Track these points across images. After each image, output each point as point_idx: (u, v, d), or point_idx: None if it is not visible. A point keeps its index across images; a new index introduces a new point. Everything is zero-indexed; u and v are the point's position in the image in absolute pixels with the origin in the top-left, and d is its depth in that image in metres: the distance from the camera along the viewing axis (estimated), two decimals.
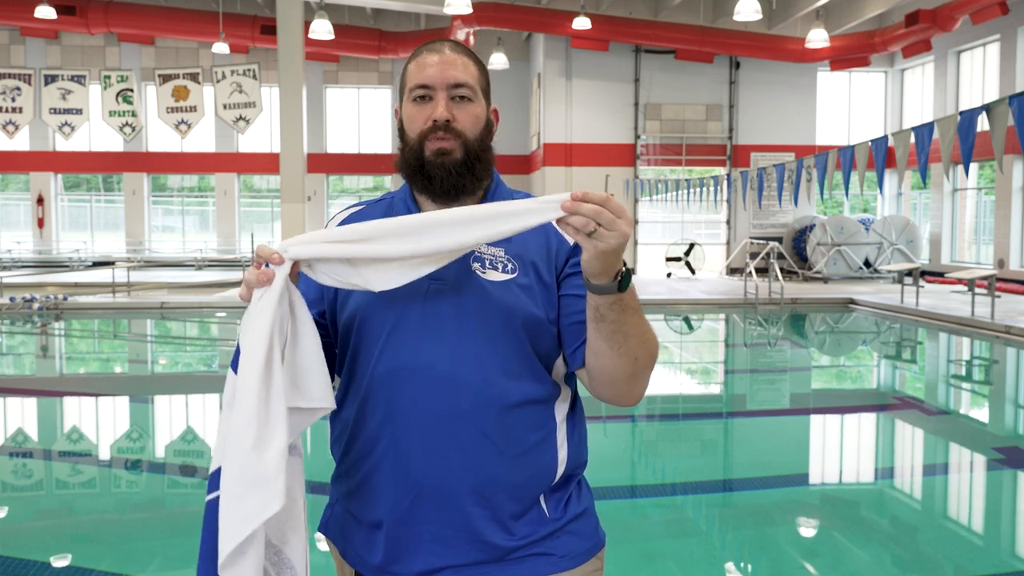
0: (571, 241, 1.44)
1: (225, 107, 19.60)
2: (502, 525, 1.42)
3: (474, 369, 1.38)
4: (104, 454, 5.80)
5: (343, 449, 1.49)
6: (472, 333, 1.39)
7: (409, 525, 1.41)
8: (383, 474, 1.41)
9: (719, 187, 18.01)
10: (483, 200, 1.49)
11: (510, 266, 1.42)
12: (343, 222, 1.54)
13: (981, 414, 7.58)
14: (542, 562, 1.44)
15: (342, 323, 1.46)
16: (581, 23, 18.21)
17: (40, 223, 24.51)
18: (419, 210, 1.48)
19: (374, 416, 1.42)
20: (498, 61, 21.88)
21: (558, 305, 1.45)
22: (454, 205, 1.45)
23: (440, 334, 1.39)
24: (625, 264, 1.31)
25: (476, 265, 1.41)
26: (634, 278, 1.62)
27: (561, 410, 1.49)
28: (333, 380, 1.52)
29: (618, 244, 1.22)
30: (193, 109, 19.88)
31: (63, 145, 23.53)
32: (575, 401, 1.54)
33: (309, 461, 5.64)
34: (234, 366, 1.29)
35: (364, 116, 25.33)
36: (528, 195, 1.50)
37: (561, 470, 1.47)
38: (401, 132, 1.51)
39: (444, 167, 1.43)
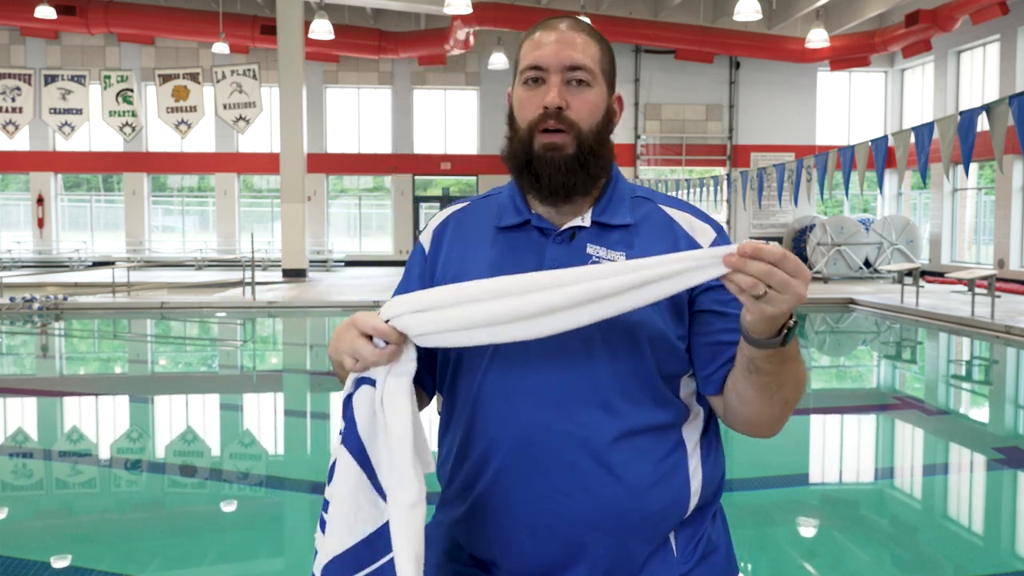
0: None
1: (225, 107, 19.61)
2: (625, 568, 1.26)
3: (591, 392, 1.23)
4: (104, 454, 5.80)
5: (448, 475, 1.36)
6: (589, 351, 1.24)
7: (521, 565, 1.26)
8: (491, 508, 1.27)
9: (719, 187, 18.02)
10: (599, 199, 1.34)
11: None
12: (445, 220, 1.42)
13: (981, 414, 7.58)
14: None
15: None
16: None
17: (40, 223, 24.51)
18: (528, 208, 1.34)
19: (479, 444, 1.28)
20: (498, 61, 21.88)
21: (690, 321, 1.29)
22: (564, 205, 1.31)
23: (552, 353, 1.23)
24: (792, 316, 1.14)
25: None
26: None
27: (692, 433, 1.32)
28: (432, 396, 1.42)
29: (790, 308, 1.08)
30: (193, 109, 19.89)
31: (63, 145, 23.53)
32: (709, 420, 1.36)
33: (311, 459, 5.60)
34: (348, 444, 1.19)
35: (364, 116, 25.33)
36: (668, 204, 1.36)
37: (694, 501, 1.30)
38: (511, 119, 1.35)
39: (554, 163, 1.27)
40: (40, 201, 24.48)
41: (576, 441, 1.23)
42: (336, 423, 7.28)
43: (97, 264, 22.76)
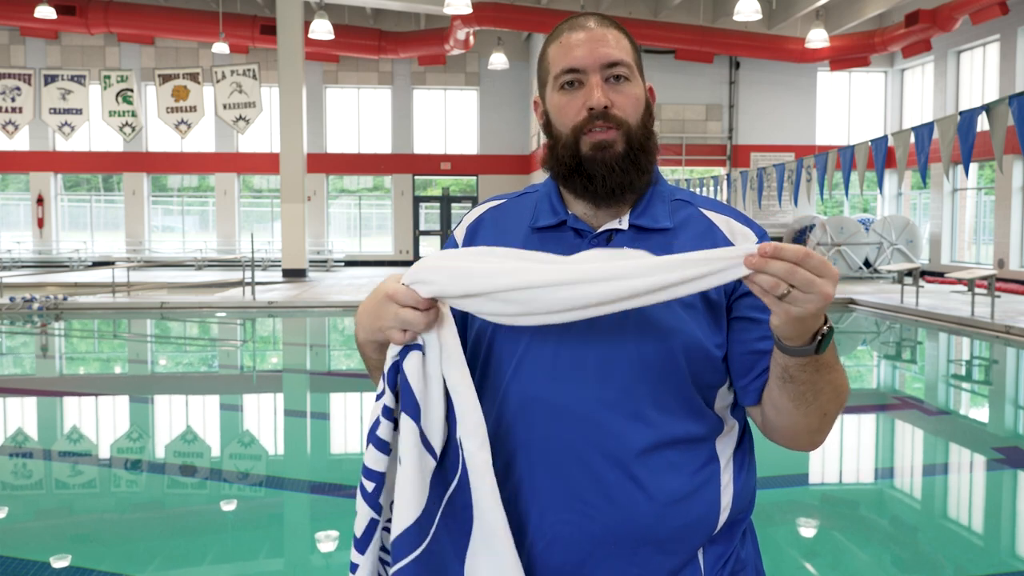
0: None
1: (225, 107, 19.61)
2: None
3: (620, 402, 1.18)
4: (104, 454, 5.80)
5: None
6: (619, 359, 1.19)
7: None
8: (512, 518, 1.21)
9: (719, 187, 18.02)
10: (638, 201, 1.29)
11: None
12: (480, 217, 1.39)
13: (981, 414, 7.58)
14: None
15: (471, 339, 1.27)
16: None
17: (40, 223, 24.52)
18: (564, 209, 1.31)
19: (502, 453, 1.22)
20: (498, 61, 21.88)
21: (727, 328, 1.24)
22: (612, 204, 1.27)
23: (581, 360, 1.20)
24: (827, 320, 1.09)
25: None
26: None
27: (726, 447, 1.27)
28: None
29: (817, 309, 1.02)
30: (193, 109, 19.89)
31: (63, 145, 23.54)
32: (744, 434, 1.31)
33: (311, 459, 5.58)
34: (408, 410, 1.16)
35: (364, 116, 25.34)
36: (700, 202, 1.33)
37: (724, 517, 1.24)
38: (547, 127, 1.31)
39: (606, 163, 1.23)
40: (40, 201, 24.49)
41: (604, 451, 1.18)
42: (340, 417, 7.24)
43: (97, 264, 22.76)
